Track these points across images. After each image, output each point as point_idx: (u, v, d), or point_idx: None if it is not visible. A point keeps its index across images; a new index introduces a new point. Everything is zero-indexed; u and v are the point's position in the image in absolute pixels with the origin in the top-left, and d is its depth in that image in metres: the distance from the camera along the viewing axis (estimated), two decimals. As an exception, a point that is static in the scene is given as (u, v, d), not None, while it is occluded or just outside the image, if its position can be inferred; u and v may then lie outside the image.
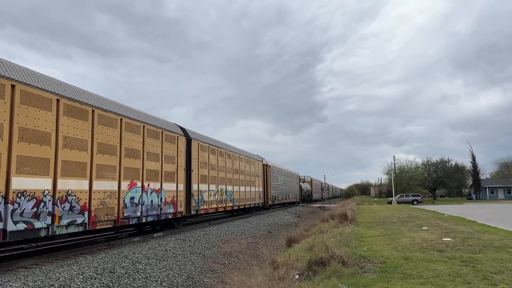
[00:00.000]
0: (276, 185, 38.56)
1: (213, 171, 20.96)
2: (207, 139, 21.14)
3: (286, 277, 6.92)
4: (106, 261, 10.02)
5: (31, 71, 9.82)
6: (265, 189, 34.27)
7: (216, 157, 21.62)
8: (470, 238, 12.43)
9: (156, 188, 14.93)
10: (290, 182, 47.42)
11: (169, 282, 9.74)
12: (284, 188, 43.08)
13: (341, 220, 19.60)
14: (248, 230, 20.34)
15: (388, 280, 7.11)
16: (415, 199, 54.30)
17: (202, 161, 19.39)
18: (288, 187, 45.84)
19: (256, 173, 30.96)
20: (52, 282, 7.82)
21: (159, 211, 14.99)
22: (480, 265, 8.18)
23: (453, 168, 73.68)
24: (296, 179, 53.01)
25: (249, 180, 28.59)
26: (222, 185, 22.34)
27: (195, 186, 18.40)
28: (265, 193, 34.00)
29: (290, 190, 46.96)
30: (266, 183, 34.54)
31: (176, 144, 16.75)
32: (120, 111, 13.06)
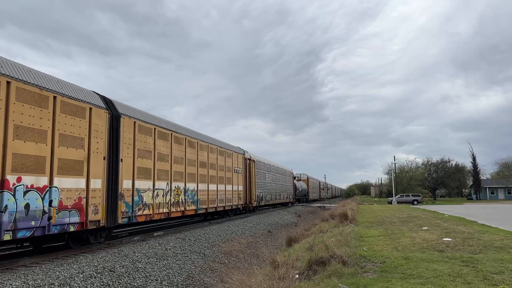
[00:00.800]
0: (263, 184, 33.62)
1: (162, 163, 15.67)
2: (154, 119, 15.86)
3: (286, 277, 6.91)
4: (106, 260, 10.01)
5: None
6: (248, 188, 29.14)
7: (168, 144, 16.30)
8: (471, 238, 12.42)
9: (40, 185, 9.48)
10: (281, 180, 42.57)
11: (169, 281, 9.74)
12: (273, 187, 38.07)
13: (341, 220, 19.59)
14: (249, 229, 20.34)
15: (389, 280, 7.10)
16: (415, 199, 54.28)
17: (142, 148, 14.28)
18: (279, 186, 40.84)
19: (235, 168, 25.55)
20: (52, 280, 7.82)
21: (46, 222, 9.60)
22: (481, 265, 8.17)
23: (454, 168, 73.67)
24: (289, 177, 48.46)
25: (223, 177, 23.12)
26: (178, 182, 17.00)
27: (128, 183, 13.20)
28: (247, 192, 28.81)
29: (281, 189, 42.13)
30: (249, 180, 29.36)
31: (88, 119, 11.43)
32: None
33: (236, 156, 26.25)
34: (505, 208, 37.66)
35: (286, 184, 45.63)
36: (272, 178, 37.65)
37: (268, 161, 37.25)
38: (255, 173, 30.96)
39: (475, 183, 74.81)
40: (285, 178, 44.89)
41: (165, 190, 15.80)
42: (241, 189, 27.08)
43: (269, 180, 36.54)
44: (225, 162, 23.80)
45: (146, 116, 15.28)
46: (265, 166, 35.23)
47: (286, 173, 46.21)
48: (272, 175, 37.95)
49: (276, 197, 38.86)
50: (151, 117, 15.75)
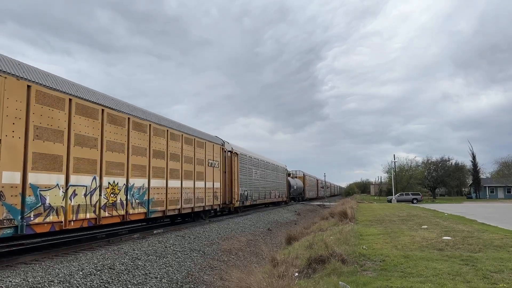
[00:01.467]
0: (248, 180, 29.25)
1: (85, 150, 11.32)
2: (69, 85, 11.25)
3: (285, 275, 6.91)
4: (106, 258, 10.02)
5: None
6: (228, 186, 24.60)
7: (98, 124, 12.00)
8: (470, 237, 12.42)
9: None
10: (272, 177, 38.19)
11: (168, 279, 9.74)
12: (262, 184, 33.80)
13: (341, 218, 19.61)
14: (248, 227, 20.35)
15: (388, 279, 7.10)
16: (415, 197, 54.34)
17: (45, 125, 9.94)
18: (269, 183, 36.52)
19: (209, 161, 20.77)
20: (51, 278, 7.82)
21: None
22: (480, 264, 8.17)
23: (453, 167, 73.77)
24: (283, 173, 44.14)
25: (190, 171, 18.30)
26: (115, 177, 12.68)
27: (14, 176, 8.98)
28: (227, 190, 24.26)
29: (272, 187, 37.91)
30: (230, 177, 24.83)
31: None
32: None
33: (210, 147, 21.30)
34: (504, 207, 37.69)
35: (278, 182, 41.26)
36: (261, 174, 33.30)
37: (256, 154, 32.86)
38: (238, 168, 26.14)
39: (475, 182, 74.90)
40: (277, 175, 40.48)
41: (90, 187, 11.46)
42: (218, 187, 22.16)
43: (257, 176, 32.10)
44: (195, 153, 18.93)
45: (54, 80, 10.66)
46: (251, 161, 30.71)
47: (279, 169, 41.97)
48: (261, 171, 33.73)
49: (265, 195, 34.71)
50: (63, 82, 11.09)
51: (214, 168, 21.68)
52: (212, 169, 21.33)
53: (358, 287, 6.51)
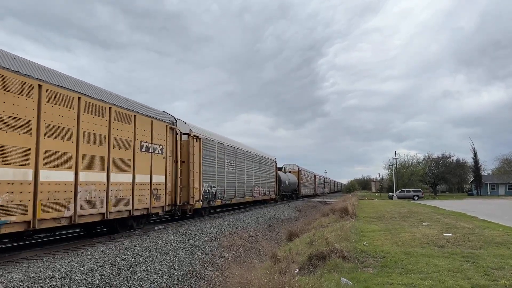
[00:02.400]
0: (219, 174, 22.30)
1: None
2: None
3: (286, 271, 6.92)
4: (107, 253, 10.04)
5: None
6: (185, 180, 17.88)
7: None
8: (471, 234, 12.42)
9: None
10: (255, 170, 31.41)
11: (169, 275, 9.76)
12: (241, 178, 26.92)
13: (342, 215, 19.61)
14: (249, 224, 20.38)
15: (389, 275, 7.10)
16: (416, 194, 54.35)
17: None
18: (251, 178, 29.70)
19: (144, 144, 14.31)
20: (53, 273, 7.84)
21: None
22: (481, 261, 8.17)
23: (455, 164, 73.76)
24: (270, 166, 37.13)
25: (101, 158, 11.86)
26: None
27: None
28: (179, 187, 17.18)
29: (256, 183, 31.18)
30: (187, 168, 18.06)
31: None
32: None
33: (146, 124, 14.55)
34: (506, 204, 37.66)
35: (264, 176, 34.28)
36: (238, 166, 26.49)
37: (231, 141, 25.96)
38: (200, 156, 19.47)
39: (476, 178, 74.84)
40: (262, 168, 33.69)
41: None
42: (161, 181, 15.33)
43: (233, 169, 25.27)
44: (111, 130, 12.36)
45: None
46: (223, 149, 23.47)
47: (265, 162, 35.02)
48: (239, 163, 26.89)
49: (245, 193, 27.77)
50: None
51: (154, 154, 14.77)
52: (149, 156, 14.50)
53: (359, 283, 6.51)
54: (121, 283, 8.39)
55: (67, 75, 11.29)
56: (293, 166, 53.88)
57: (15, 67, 9.11)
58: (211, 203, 21.09)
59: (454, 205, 34.07)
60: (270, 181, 36.65)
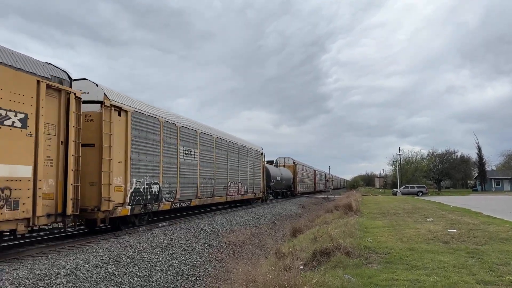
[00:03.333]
0: (167, 166, 15.91)
1: None
2: None
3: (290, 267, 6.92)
4: (112, 250, 10.08)
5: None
6: (94, 173, 11.83)
7: None
8: (476, 229, 12.37)
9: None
10: (232, 162, 24.62)
11: (174, 271, 9.80)
12: (206, 173, 20.18)
13: (346, 211, 19.60)
14: (253, 220, 20.40)
15: (393, 271, 7.09)
16: (420, 190, 54.23)
17: None
18: (224, 172, 22.96)
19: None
20: (58, 270, 7.89)
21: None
22: (486, 256, 8.14)
23: (459, 159, 73.45)
24: (255, 158, 30.20)
25: None
26: None
27: None
28: (76, 186, 10.41)
29: (232, 178, 24.31)
30: (98, 155, 11.92)
31: None
32: None
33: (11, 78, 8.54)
34: (510, 199, 37.51)
35: (246, 170, 27.54)
36: (202, 156, 19.71)
37: (188, 122, 18.75)
38: (126, 138, 13.23)
39: (481, 174, 74.51)
40: (242, 160, 26.79)
41: None
42: (26, 175, 8.84)
43: (192, 159, 18.42)
44: None
45: None
46: (174, 130, 16.69)
47: (246, 152, 28.00)
48: (204, 152, 19.97)
49: (214, 192, 21.03)
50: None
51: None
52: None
53: (363, 279, 6.50)
54: (126, 280, 8.43)
55: None
56: (288, 160, 47.63)
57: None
58: (150, 207, 14.46)
59: (458, 201, 33.96)
60: (254, 176, 29.59)
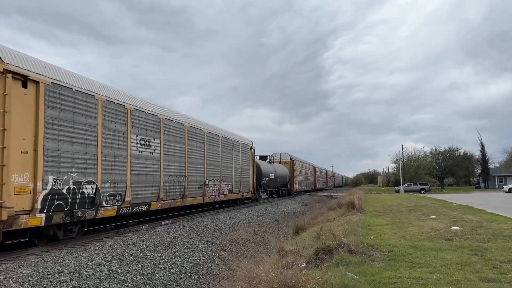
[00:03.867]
0: (105, 159, 11.98)
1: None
2: None
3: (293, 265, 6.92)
4: (115, 248, 10.11)
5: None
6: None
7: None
8: (479, 227, 12.34)
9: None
10: (211, 156, 20.75)
11: (177, 269, 9.82)
12: (174, 169, 16.58)
13: (349, 209, 19.58)
14: (255, 218, 20.42)
15: (396, 269, 7.09)
16: (423, 188, 54.11)
17: None
18: (200, 168, 19.17)
19: None
20: (61, 268, 7.92)
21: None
22: (489, 254, 8.12)
23: (462, 157, 73.29)
24: (243, 153, 26.32)
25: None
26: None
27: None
28: None
29: (211, 176, 20.47)
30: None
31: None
32: None
33: None
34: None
35: (230, 166, 23.47)
36: (168, 148, 16.24)
37: (146, 105, 15.26)
38: (37, 120, 9.57)
39: (484, 171, 74.27)
40: (225, 155, 22.71)
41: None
42: None
43: (152, 151, 14.94)
44: None
45: None
46: (121, 114, 13.26)
47: (230, 145, 23.71)
48: (170, 143, 16.41)
49: (185, 192, 17.22)
50: None
51: None
52: None
53: (366, 277, 6.50)
54: (129, 278, 8.45)
55: None
56: (284, 156, 43.97)
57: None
58: (80, 214, 10.92)
59: (461, 198, 33.88)
60: (242, 173, 25.60)
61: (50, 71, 10.27)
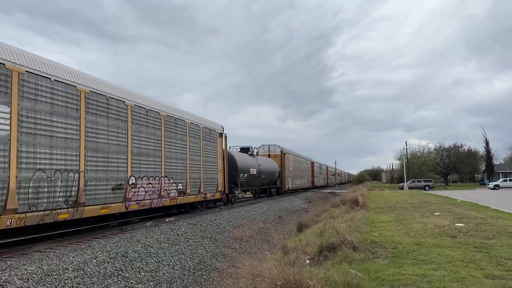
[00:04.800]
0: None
1: None
2: None
3: (297, 262, 6.92)
4: (119, 246, 10.14)
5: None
6: None
7: None
8: (484, 224, 12.28)
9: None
10: (142, 142, 14.18)
11: (181, 266, 9.85)
12: (48, 160, 9.75)
13: (352, 206, 19.54)
14: (259, 215, 20.42)
15: (400, 266, 7.06)
16: (427, 184, 53.94)
17: None
18: (108, 160, 12.20)
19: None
20: (66, 265, 7.95)
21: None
22: (494, 251, 8.08)
23: (466, 153, 73.01)
24: (209, 141, 20.31)
25: None
26: None
27: None
28: None
29: (145, 170, 14.21)
30: None
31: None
32: None
33: None
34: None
35: (183, 157, 17.37)
36: (29, 124, 9.26)
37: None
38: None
39: (488, 168, 73.91)
40: (173, 141, 16.62)
41: None
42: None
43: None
44: None
45: None
46: None
47: (183, 129, 17.62)
48: (37, 115, 9.49)
49: (81, 196, 10.83)
50: None
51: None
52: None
53: (370, 274, 6.48)
54: (133, 275, 8.48)
55: None
56: (274, 148, 37.14)
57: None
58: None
59: (465, 195, 33.75)
60: (203, 168, 19.28)
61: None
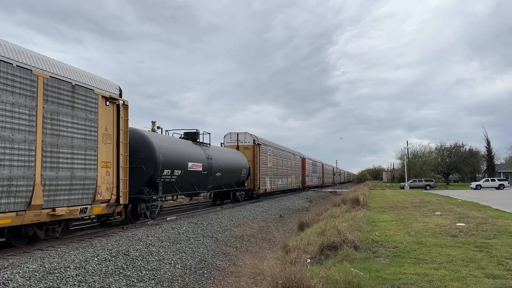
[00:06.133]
0: None
1: None
2: None
3: (298, 261, 6.93)
4: (120, 244, 10.16)
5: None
6: None
7: None
8: (484, 223, 12.29)
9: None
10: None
11: (182, 265, 9.86)
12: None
13: (353, 205, 19.56)
14: (260, 214, 20.44)
15: (401, 265, 7.08)
16: (428, 184, 53.90)
17: None
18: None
19: None
20: (67, 263, 7.97)
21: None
22: (495, 250, 8.09)
23: (467, 153, 72.77)
24: (80, 110, 10.09)
25: None
26: None
27: None
28: None
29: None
30: None
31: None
32: None
33: None
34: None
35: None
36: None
37: None
38: None
39: (489, 168, 73.74)
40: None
41: None
42: None
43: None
44: None
45: None
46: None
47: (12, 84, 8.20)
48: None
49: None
50: None
51: None
52: None
53: (371, 273, 6.50)
54: (134, 273, 8.50)
55: None
56: (244, 137, 27.77)
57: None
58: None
59: (466, 194, 33.73)
60: (56, 157, 9.51)
61: None
